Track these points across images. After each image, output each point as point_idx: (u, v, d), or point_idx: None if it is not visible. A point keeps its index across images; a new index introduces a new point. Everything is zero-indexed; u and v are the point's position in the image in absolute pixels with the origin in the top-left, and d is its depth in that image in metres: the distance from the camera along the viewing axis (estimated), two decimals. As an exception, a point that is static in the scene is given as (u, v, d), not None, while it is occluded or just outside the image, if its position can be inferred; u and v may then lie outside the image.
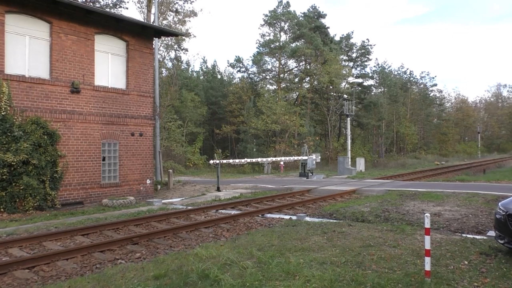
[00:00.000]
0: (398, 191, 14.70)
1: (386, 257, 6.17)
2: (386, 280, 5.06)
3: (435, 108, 72.11)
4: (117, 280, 5.40)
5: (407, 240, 7.33)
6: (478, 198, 12.53)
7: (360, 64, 55.80)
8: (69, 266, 6.39)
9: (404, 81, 65.29)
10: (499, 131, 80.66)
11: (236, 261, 5.92)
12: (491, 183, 18.12)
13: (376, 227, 8.60)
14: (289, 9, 47.21)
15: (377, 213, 10.61)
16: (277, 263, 5.78)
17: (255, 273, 5.36)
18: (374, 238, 7.46)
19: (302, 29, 45.94)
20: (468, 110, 76.05)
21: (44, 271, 6.22)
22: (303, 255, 6.32)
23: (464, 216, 9.89)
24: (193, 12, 33.85)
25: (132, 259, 6.88)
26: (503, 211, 6.24)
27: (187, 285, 5.10)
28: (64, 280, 5.75)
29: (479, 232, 8.35)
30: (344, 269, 5.53)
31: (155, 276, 5.45)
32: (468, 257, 6.12)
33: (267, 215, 10.83)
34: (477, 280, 5.13)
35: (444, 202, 12.08)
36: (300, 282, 5.00)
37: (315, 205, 12.74)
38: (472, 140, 74.32)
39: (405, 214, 10.39)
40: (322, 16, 51.23)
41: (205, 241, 8.12)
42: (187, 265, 5.82)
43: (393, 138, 58.07)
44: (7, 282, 5.69)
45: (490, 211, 10.14)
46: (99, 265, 6.50)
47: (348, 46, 54.31)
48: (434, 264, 5.62)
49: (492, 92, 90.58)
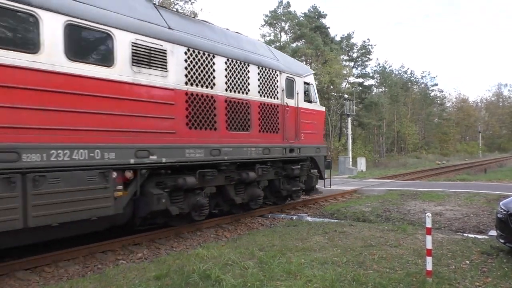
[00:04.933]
0: (399, 191, 14.69)
1: (388, 257, 6.17)
2: (387, 280, 5.06)
3: (436, 107, 72.09)
4: (118, 280, 5.41)
5: (408, 239, 7.32)
6: (479, 197, 12.52)
7: (360, 64, 55.79)
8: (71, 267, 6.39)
9: (405, 80, 65.29)
10: (500, 130, 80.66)
11: (237, 261, 5.92)
12: (492, 182, 18.10)
13: (377, 227, 8.60)
14: (289, 9, 47.28)
15: (378, 213, 10.61)
16: (278, 263, 5.78)
17: (256, 273, 5.36)
18: (375, 238, 7.46)
19: (302, 29, 45.93)
20: (469, 110, 76.08)
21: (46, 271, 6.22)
22: (304, 255, 6.32)
23: (465, 215, 9.89)
24: (193, 13, 33.84)
25: (133, 259, 6.89)
26: (504, 210, 6.23)
27: (189, 285, 5.10)
28: (66, 280, 5.76)
29: (481, 232, 8.35)
30: (345, 269, 5.53)
31: (156, 276, 5.46)
32: (469, 257, 6.12)
33: (268, 215, 10.83)
34: (479, 279, 5.13)
35: (445, 201, 12.07)
36: (301, 282, 5.00)
37: (316, 205, 12.74)
38: (473, 140, 74.30)
39: (406, 213, 10.39)
40: (323, 16, 51.19)
41: (207, 241, 8.13)
42: (189, 265, 5.83)
43: (394, 138, 58.04)
44: (9, 282, 5.70)
45: (491, 211, 10.12)
46: (100, 266, 6.52)
47: (348, 46, 54.26)
48: (436, 263, 5.61)
49: (493, 91, 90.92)
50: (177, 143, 7.65)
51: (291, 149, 10.77)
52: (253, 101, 9.59)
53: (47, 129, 5.84)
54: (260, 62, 9.97)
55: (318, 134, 12.31)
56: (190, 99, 7.98)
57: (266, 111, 10.01)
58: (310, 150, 11.72)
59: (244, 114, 9.32)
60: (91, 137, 6.31)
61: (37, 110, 5.74)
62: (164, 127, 7.45)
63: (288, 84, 10.88)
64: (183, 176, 7.89)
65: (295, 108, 11.08)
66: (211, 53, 8.52)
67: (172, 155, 7.53)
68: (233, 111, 9.00)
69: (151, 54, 7.28)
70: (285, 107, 10.65)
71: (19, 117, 5.55)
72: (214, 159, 8.45)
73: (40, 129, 5.75)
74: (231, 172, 9.20)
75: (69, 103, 6.08)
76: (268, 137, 10.02)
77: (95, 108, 6.38)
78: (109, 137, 6.54)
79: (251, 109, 9.51)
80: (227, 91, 8.87)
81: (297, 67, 11.97)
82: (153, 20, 7.59)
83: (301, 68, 12.18)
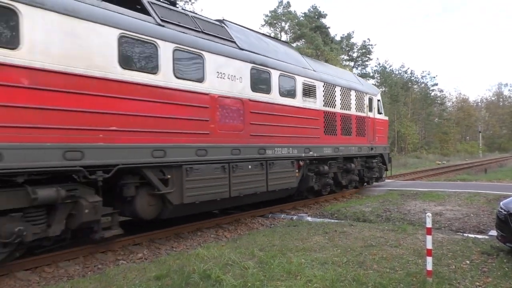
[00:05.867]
0: (399, 191, 14.68)
1: (388, 257, 6.16)
2: (387, 280, 5.06)
3: (436, 107, 72.02)
4: (118, 280, 5.41)
5: (408, 239, 7.32)
6: (479, 197, 12.51)
7: (361, 63, 55.84)
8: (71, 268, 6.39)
9: (405, 80, 65.21)
10: (500, 130, 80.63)
11: (237, 261, 5.92)
12: (492, 182, 18.08)
13: (378, 227, 8.60)
14: (289, 9, 47.24)
15: (379, 213, 10.61)
16: (278, 263, 5.78)
17: (256, 273, 5.36)
18: (375, 238, 7.46)
19: (302, 29, 45.92)
20: (469, 109, 76.01)
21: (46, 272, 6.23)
22: (304, 255, 6.32)
23: (465, 215, 9.88)
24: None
25: (134, 259, 6.89)
26: (504, 210, 6.23)
27: (189, 285, 5.10)
28: (66, 280, 5.76)
29: (481, 232, 8.35)
30: (346, 269, 5.52)
31: (157, 276, 5.46)
32: (469, 257, 6.12)
33: (268, 215, 10.83)
34: (479, 279, 5.13)
35: (446, 201, 12.07)
36: (301, 282, 5.00)
37: (317, 205, 12.74)
38: (473, 140, 74.25)
39: (407, 213, 10.39)
40: (323, 16, 51.17)
41: (207, 241, 8.13)
42: (189, 265, 5.83)
43: (394, 138, 57.97)
44: (9, 283, 5.70)
45: (491, 211, 10.12)
46: (100, 266, 6.52)
47: (349, 46, 54.29)
48: (436, 263, 5.61)
49: (493, 91, 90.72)
50: (320, 143, 11.97)
51: (371, 148, 15.28)
52: (352, 115, 14.06)
53: (271, 136, 10.00)
54: (355, 88, 14.47)
55: (384, 137, 16.96)
56: (325, 115, 12.35)
57: (359, 122, 14.48)
58: (381, 149, 16.19)
59: (348, 124, 13.75)
60: (287, 140, 10.54)
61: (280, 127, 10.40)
62: (315, 134, 11.75)
63: (369, 101, 15.40)
64: (322, 164, 12.24)
65: (373, 118, 15.64)
66: (334, 85, 13.00)
67: (318, 151, 11.80)
68: (344, 122, 13.42)
69: (310, 89, 11.64)
70: (368, 118, 15.16)
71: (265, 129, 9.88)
72: (336, 154, 12.86)
73: (270, 136, 9.98)
74: (341, 163, 13.42)
75: (280, 121, 10.33)
76: (360, 140, 14.44)
77: (292, 123, 10.74)
78: (291, 140, 10.69)
79: (351, 121, 13.95)
80: (341, 109, 13.29)
81: (373, 88, 16.79)
82: (307, 67, 11.99)
83: (375, 89, 17.01)
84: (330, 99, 12.61)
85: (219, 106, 8.47)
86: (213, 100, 8.33)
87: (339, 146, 12.83)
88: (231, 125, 8.79)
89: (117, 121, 6.58)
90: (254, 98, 9.41)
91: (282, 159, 10.26)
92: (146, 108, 7.02)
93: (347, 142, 13.44)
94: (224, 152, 8.55)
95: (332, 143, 12.51)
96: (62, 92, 5.92)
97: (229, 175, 8.58)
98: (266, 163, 9.67)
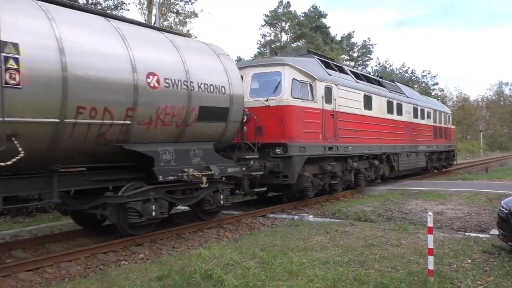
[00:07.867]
0: (400, 190, 14.67)
1: (389, 256, 6.17)
2: (389, 279, 5.06)
3: (437, 107, 71.91)
4: (120, 281, 5.42)
5: (409, 239, 7.32)
6: (480, 196, 12.50)
7: (361, 63, 55.86)
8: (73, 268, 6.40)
9: (406, 80, 65.16)
10: (501, 129, 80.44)
11: (239, 261, 5.92)
12: (493, 181, 18.04)
13: (379, 227, 8.60)
14: (289, 9, 47.28)
15: (380, 212, 10.60)
16: (280, 263, 5.78)
17: (258, 273, 5.36)
18: (376, 238, 7.46)
19: (303, 29, 45.97)
20: (470, 109, 75.75)
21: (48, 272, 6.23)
22: (305, 255, 6.33)
23: (466, 214, 9.88)
24: (193, 13, 33.76)
25: (135, 260, 6.90)
26: (506, 209, 6.22)
27: (190, 285, 5.11)
28: (68, 281, 5.77)
29: (482, 231, 8.34)
30: (347, 269, 5.53)
31: (158, 277, 5.47)
32: (471, 256, 6.12)
33: (269, 215, 10.83)
34: (481, 278, 5.13)
35: (447, 200, 12.06)
36: (303, 282, 5.00)
37: (318, 205, 12.73)
38: (474, 139, 74.11)
39: (408, 213, 10.38)
40: (323, 16, 51.24)
41: (208, 241, 8.14)
42: (190, 265, 5.83)
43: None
44: (11, 284, 5.71)
45: (493, 210, 10.10)
46: (102, 267, 6.53)
47: (349, 46, 54.35)
48: (437, 263, 5.61)
49: (494, 90, 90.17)
50: (432, 143, 21.93)
51: (449, 146, 25.04)
52: (442, 126, 23.85)
53: (418, 140, 20.04)
54: (441, 110, 24.38)
55: (453, 139, 26.72)
56: (434, 128, 22.27)
57: (444, 130, 24.12)
58: (452, 146, 25.66)
59: (439, 131, 23.16)
60: (421, 142, 20.11)
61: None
62: (430, 138, 21.86)
63: (447, 117, 25.09)
64: (432, 154, 22.40)
65: (449, 128, 25.39)
66: (436, 110, 23.05)
67: (432, 147, 21.69)
68: (438, 131, 22.90)
69: (428, 113, 21.49)
70: (447, 128, 24.91)
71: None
72: (437, 149, 22.68)
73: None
74: (437, 154, 23.09)
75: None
76: (443, 141, 23.84)
77: (423, 133, 20.84)
78: (422, 142, 20.46)
79: (442, 130, 23.55)
80: (438, 123, 23.12)
81: (448, 109, 27.50)
82: (430, 103, 23.55)
83: (448, 110, 27.31)
84: (435, 118, 22.65)
85: (404, 127, 18.04)
86: (404, 124, 18.10)
87: (438, 145, 22.79)
88: (408, 135, 18.43)
89: (373, 134, 15.13)
90: (414, 121, 19.28)
91: (421, 152, 19.83)
92: (380, 128, 15.72)
93: (438, 142, 22.96)
94: (407, 148, 18.23)
95: (436, 143, 22.39)
96: (349, 122, 13.57)
97: (408, 159, 18.33)
98: (417, 154, 19.34)
